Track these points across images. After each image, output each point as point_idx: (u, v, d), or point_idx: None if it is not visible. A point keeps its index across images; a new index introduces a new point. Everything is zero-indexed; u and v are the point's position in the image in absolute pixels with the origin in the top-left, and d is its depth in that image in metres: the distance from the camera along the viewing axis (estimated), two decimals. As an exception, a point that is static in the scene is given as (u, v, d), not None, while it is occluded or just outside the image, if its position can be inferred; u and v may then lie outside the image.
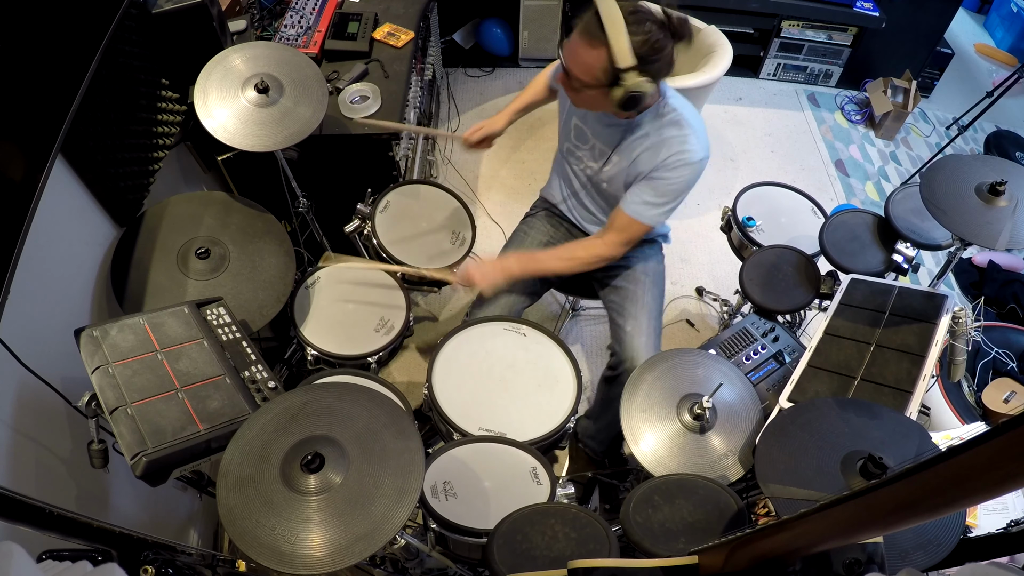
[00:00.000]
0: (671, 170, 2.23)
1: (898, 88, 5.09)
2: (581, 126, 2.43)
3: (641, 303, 2.57)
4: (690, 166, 2.23)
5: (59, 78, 1.80)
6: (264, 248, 2.43)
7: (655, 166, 2.25)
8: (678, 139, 2.22)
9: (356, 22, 3.21)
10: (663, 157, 2.23)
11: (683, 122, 2.23)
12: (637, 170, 2.32)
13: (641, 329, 2.52)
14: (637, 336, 2.51)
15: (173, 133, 2.55)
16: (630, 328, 2.54)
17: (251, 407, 1.83)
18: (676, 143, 2.22)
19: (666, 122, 2.23)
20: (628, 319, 2.56)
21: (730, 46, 3.97)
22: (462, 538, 1.94)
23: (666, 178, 2.25)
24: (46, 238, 1.87)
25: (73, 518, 1.32)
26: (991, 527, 1.98)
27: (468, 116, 4.94)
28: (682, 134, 2.22)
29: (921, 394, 1.98)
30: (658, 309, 2.60)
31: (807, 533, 1.06)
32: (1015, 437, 0.68)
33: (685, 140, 2.21)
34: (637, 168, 2.31)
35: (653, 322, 2.55)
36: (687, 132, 2.22)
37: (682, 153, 2.21)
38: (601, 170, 2.43)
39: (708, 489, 1.82)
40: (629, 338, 2.53)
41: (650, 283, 2.61)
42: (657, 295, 2.62)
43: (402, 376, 3.43)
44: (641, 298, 2.58)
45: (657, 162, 2.24)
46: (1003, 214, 2.21)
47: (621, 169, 2.36)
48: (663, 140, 2.24)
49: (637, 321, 2.54)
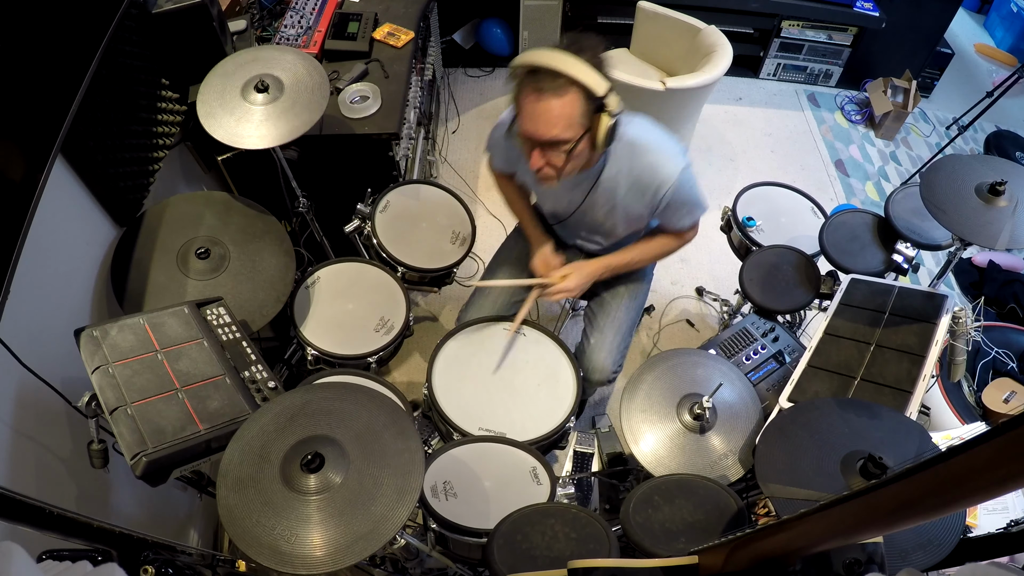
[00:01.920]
0: (672, 193, 2.17)
1: (898, 88, 5.08)
2: (551, 192, 2.39)
3: (612, 317, 2.57)
4: (678, 180, 2.14)
5: (59, 78, 1.80)
6: (264, 248, 2.42)
7: (653, 202, 2.20)
8: (649, 169, 2.14)
9: (356, 22, 3.21)
10: (652, 192, 2.18)
11: (640, 146, 2.14)
12: (632, 215, 2.30)
13: (603, 345, 2.53)
14: (598, 351, 2.53)
15: (173, 133, 2.56)
16: (593, 341, 2.56)
17: (251, 407, 1.83)
18: (649, 175, 2.15)
19: (624, 147, 2.13)
20: (594, 331, 2.58)
21: (730, 46, 3.96)
22: (462, 538, 1.94)
23: (674, 197, 2.19)
24: (46, 238, 1.87)
25: (73, 518, 1.32)
26: (991, 527, 1.98)
27: (468, 116, 4.95)
28: (650, 162, 2.14)
29: (921, 394, 1.98)
30: (629, 324, 2.60)
31: (807, 533, 1.06)
32: (1015, 437, 0.68)
33: (655, 168, 2.13)
34: (628, 211, 2.28)
35: (619, 338, 2.55)
36: (652, 158, 2.13)
37: (666, 180, 2.14)
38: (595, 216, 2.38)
39: (708, 489, 1.82)
40: (591, 350, 2.55)
41: (628, 298, 2.61)
42: (632, 310, 2.62)
43: (402, 376, 3.44)
44: (613, 312, 2.58)
45: (652, 198, 2.19)
46: (1003, 214, 2.21)
47: (611, 213, 2.32)
48: (636, 178, 2.17)
49: (603, 335, 2.55)
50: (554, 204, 2.44)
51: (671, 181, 2.13)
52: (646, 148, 2.13)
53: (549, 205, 2.48)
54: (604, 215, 2.33)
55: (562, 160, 2.01)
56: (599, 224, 2.41)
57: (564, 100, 1.88)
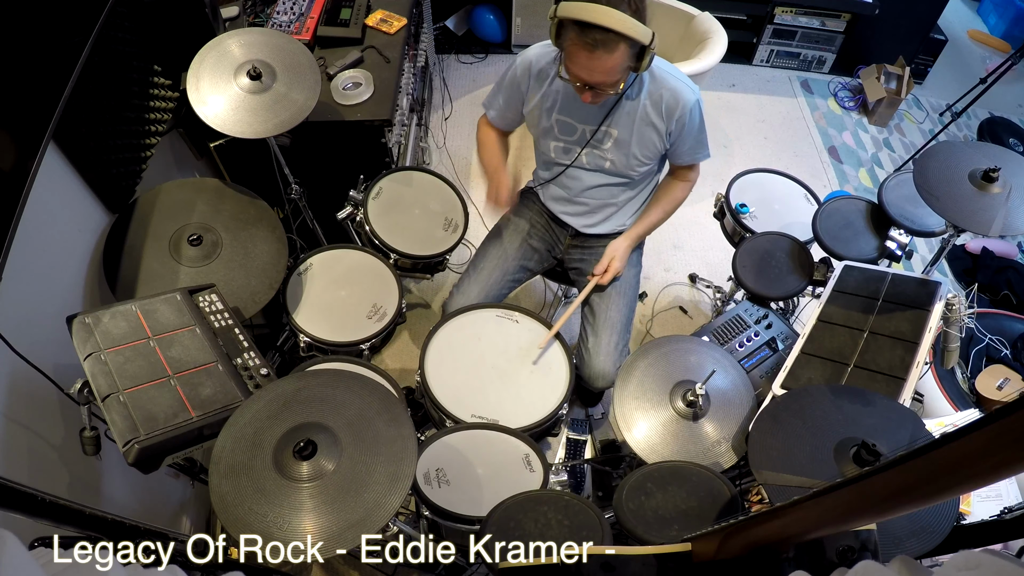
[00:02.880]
0: (688, 118, 2.32)
1: (891, 74, 5.08)
2: (564, 119, 2.42)
3: (604, 318, 2.58)
4: (696, 106, 2.32)
5: (51, 64, 1.79)
6: (256, 235, 2.41)
7: (669, 125, 2.35)
8: (670, 93, 2.30)
9: (349, 8, 3.19)
10: (669, 116, 2.32)
11: (660, 72, 2.30)
12: (646, 143, 2.39)
13: (600, 349, 2.54)
14: (595, 356, 2.53)
15: (165, 120, 2.54)
16: (591, 346, 2.56)
17: (243, 394, 1.82)
18: (671, 98, 2.30)
19: (645, 74, 2.29)
20: (590, 336, 2.58)
21: (725, 33, 3.96)
22: (455, 525, 1.94)
23: (688, 124, 2.35)
24: (38, 225, 1.85)
25: (65, 505, 1.32)
26: (985, 514, 1.98)
27: (461, 103, 4.93)
28: (671, 86, 2.30)
29: (915, 381, 1.98)
30: (625, 321, 2.61)
31: (800, 520, 1.06)
32: (1009, 424, 0.68)
33: (676, 92, 2.29)
34: (646, 142, 2.39)
35: (615, 337, 2.56)
36: (672, 83, 2.30)
37: (685, 104, 2.30)
38: (602, 148, 2.42)
39: (701, 476, 1.83)
40: (589, 356, 2.55)
41: (618, 295, 2.62)
42: (625, 306, 2.62)
43: (395, 363, 3.44)
44: (605, 312, 2.59)
45: (668, 123, 2.34)
46: (996, 201, 2.21)
47: (624, 144, 2.38)
48: (656, 101, 2.31)
49: (598, 339, 2.55)
50: (566, 132, 2.47)
51: (688, 106, 2.30)
52: (667, 74, 2.31)
53: (558, 139, 2.50)
54: (615, 143, 2.41)
55: (608, 93, 2.19)
56: (606, 159, 2.47)
57: (615, 54, 2.01)
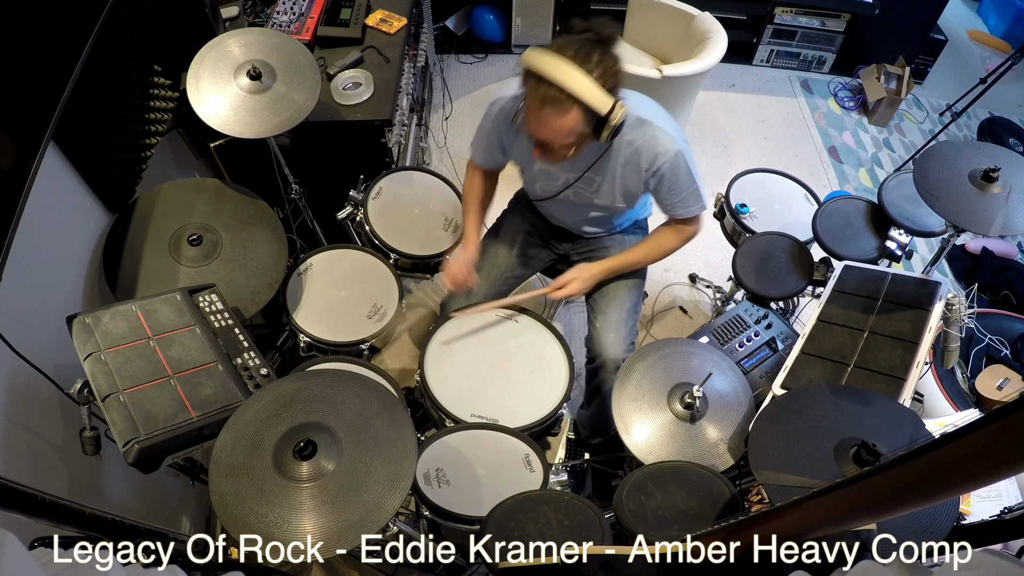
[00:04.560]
0: (668, 168, 2.19)
1: (891, 74, 5.08)
2: (546, 169, 2.38)
3: (611, 297, 2.56)
4: (675, 157, 2.17)
5: (51, 64, 1.79)
6: (256, 235, 2.41)
7: (647, 178, 2.24)
8: (648, 141, 2.17)
9: (349, 8, 3.19)
10: (646, 166, 2.21)
11: (640, 120, 2.15)
12: (628, 188, 2.32)
13: (610, 325, 2.51)
14: (605, 332, 2.51)
15: (165, 120, 2.54)
16: (599, 324, 2.54)
17: (243, 394, 1.82)
18: (647, 147, 2.17)
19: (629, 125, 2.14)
20: (598, 315, 2.56)
21: (725, 33, 3.95)
22: (455, 525, 1.94)
23: (670, 174, 2.21)
24: (38, 225, 1.85)
25: (65, 505, 1.32)
26: (985, 514, 1.98)
27: (461, 103, 4.93)
28: (649, 135, 2.16)
29: (915, 381, 1.98)
30: (633, 301, 2.58)
31: (800, 520, 1.06)
32: (1009, 424, 0.68)
33: (654, 140, 2.16)
34: (628, 186, 2.31)
35: (624, 315, 2.54)
36: (651, 131, 2.16)
37: (662, 153, 2.17)
38: (588, 190, 2.38)
39: (701, 476, 1.83)
40: (598, 333, 2.53)
41: (626, 280, 2.59)
42: (633, 288, 2.60)
43: (395, 363, 3.43)
44: (612, 292, 2.57)
45: (644, 173, 2.23)
46: (996, 201, 2.21)
47: (608, 185, 2.33)
48: (634, 150, 2.19)
49: (607, 317, 2.53)
50: (548, 180, 2.42)
51: (666, 157, 2.16)
52: (645, 122, 2.15)
53: (542, 181, 2.46)
54: (599, 187, 2.34)
55: (564, 152, 2.07)
56: (592, 197, 2.41)
57: (566, 117, 1.92)
